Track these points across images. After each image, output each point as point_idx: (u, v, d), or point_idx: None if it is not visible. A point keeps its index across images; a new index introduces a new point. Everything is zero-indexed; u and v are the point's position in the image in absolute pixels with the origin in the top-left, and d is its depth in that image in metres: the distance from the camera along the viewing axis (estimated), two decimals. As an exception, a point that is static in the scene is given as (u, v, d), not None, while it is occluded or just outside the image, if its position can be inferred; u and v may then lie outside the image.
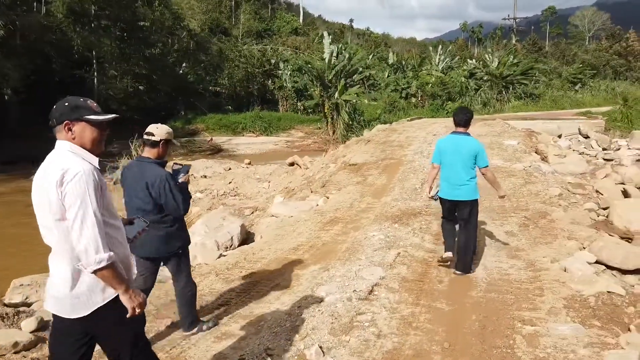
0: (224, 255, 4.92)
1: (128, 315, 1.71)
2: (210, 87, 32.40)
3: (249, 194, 12.25)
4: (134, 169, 2.87)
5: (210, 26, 34.01)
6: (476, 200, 3.94)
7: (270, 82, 32.73)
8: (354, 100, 23.57)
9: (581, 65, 37.28)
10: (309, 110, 29.95)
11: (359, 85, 25.11)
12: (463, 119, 3.92)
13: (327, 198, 7.07)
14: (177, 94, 30.22)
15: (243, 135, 27.51)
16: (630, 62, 45.74)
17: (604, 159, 11.33)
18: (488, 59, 30.82)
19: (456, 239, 3.98)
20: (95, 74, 26.35)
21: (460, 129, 3.93)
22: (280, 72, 31.66)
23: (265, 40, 36.00)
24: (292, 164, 13.75)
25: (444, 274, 3.98)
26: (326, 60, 23.74)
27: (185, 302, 2.98)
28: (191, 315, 3.04)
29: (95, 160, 1.75)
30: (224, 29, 36.09)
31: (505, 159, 8.59)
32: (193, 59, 31.14)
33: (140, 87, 28.24)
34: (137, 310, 1.73)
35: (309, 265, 4.13)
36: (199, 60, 31.09)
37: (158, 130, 2.84)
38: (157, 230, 2.75)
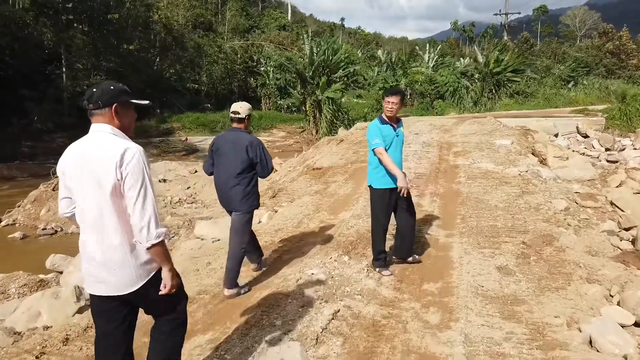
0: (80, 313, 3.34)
1: (162, 292, 1.77)
2: (188, 85, 30.77)
3: (208, 201, 10.75)
4: (229, 137, 3.34)
5: (194, 22, 32.49)
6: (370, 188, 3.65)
7: (252, 79, 31.20)
8: (338, 98, 22.18)
9: (574, 63, 36.44)
10: (293, 109, 28.55)
11: (342, 83, 23.66)
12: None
13: (275, 212, 5.59)
14: (152, 91, 28.54)
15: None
16: (623, 60, 45.20)
17: (608, 161, 9.99)
18: (479, 55, 29.69)
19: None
20: (64, 69, 24.65)
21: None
22: (262, 69, 30.16)
23: (248, 35, 34.44)
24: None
25: (401, 350, 2.51)
26: (307, 56, 22.33)
27: (234, 257, 3.26)
28: (234, 272, 3.27)
29: None
30: (209, 25, 34.58)
31: (496, 162, 7.17)
32: (170, 55, 29.50)
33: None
34: (173, 290, 1.79)
35: (190, 337, 2.61)
36: (175, 56, 29.45)
37: (242, 109, 3.34)
38: (244, 186, 3.22)
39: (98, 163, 1.70)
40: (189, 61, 29.81)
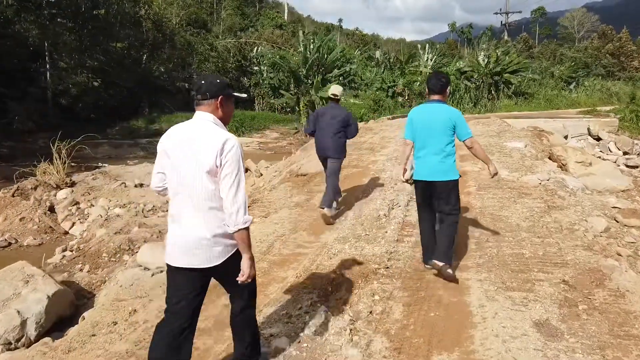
0: None
1: (241, 279, 1.88)
2: (178, 84, 29.66)
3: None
4: (330, 110, 4.73)
5: (187, 20, 31.48)
6: (456, 181, 3.23)
7: (245, 78, 30.11)
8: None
9: (573, 64, 35.69)
10: (287, 109, 27.51)
11: (337, 82, 22.63)
12: (437, 85, 3.28)
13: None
14: (140, 90, 27.42)
15: (212, 136, 24.88)
16: (623, 62, 44.60)
17: (627, 166, 8.98)
18: (479, 55, 28.77)
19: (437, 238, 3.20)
20: (48, 66, 23.56)
21: (435, 97, 3.28)
22: (256, 68, 29.11)
23: (241, 34, 33.40)
24: (246, 170, 11.18)
25: None
26: (301, 55, 21.30)
27: (332, 187, 4.65)
28: (331, 197, 4.59)
29: None
30: (204, 23, 33.58)
31: (510, 168, 6.13)
32: (160, 53, 28.41)
33: (95, 83, 25.43)
34: (249, 280, 1.90)
35: None
36: (165, 54, 28.37)
37: (339, 92, 4.77)
38: (337, 141, 4.57)
39: (201, 147, 1.85)
40: (178, 59, 28.72)
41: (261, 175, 10.50)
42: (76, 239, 8.02)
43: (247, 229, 1.84)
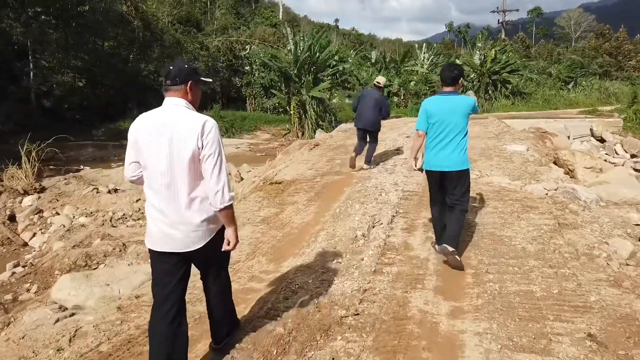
0: None
1: (225, 249, 2.01)
2: (167, 83, 28.81)
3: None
4: (372, 93, 6.02)
5: (179, 19, 30.64)
6: (469, 171, 3.31)
7: (237, 78, 29.29)
8: (325, 98, 20.39)
9: (571, 64, 35.20)
10: (280, 110, 26.74)
11: (329, 81, 21.83)
12: (450, 76, 3.27)
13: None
14: (128, 89, 26.57)
15: (201, 137, 24.05)
16: (620, 61, 44.19)
17: (635, 170, 8.27)
18: (475, 54, 28.14)
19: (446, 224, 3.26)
20: (32, 66, 22.71)
21: (448, 88, 3.30)
22: (247, 67, 28.31)
23: (232, 32, 32.59)
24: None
25: None
26: (291, 54, 20.51)
27: (372, 150, 6.30)
28: (371, 155, 6.00)
29: None
30: (196, 22, 32.77)
31: (512, 176, 5.38)
32: (148, 51, 27.57)
33: (79, 83, 24.58)
34: (234, 247, 2.03)
35: None
36: (153, 52, 27.53)
37: (383, 81, 6.26)
38: (376, 118, 5.85)
39: (178, 132, 1.85)
40: (166, 57, 27.89)
41: (242, 179, 9.73)
42: (33, 252, 7.24)
43: (231, 205, 1.91)
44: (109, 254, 6.18)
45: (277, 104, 25.38)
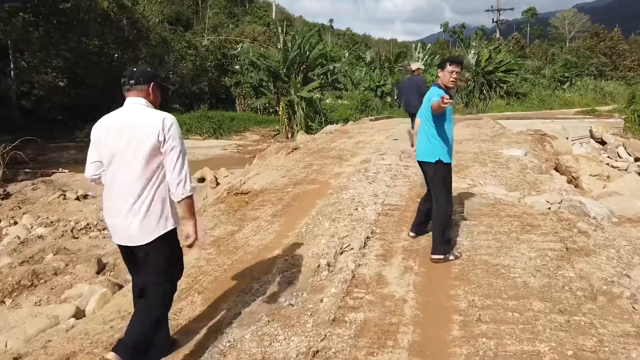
0: None
1: (185, 244, 1.99)
2: (153, 83, 28.03)
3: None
4: (408, 82, 7.11)
5: (168, 18, 29.89)
6: (437, 164, 3.09)
7: (226, 78, 28.52)
8: (316, 98, 19.71)
9: (565, 63, 34.82)
10: (270, 110, 26.02)
11: (321, 80, 21.13)
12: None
13: (120, 288, 3.02)
14: (113, 89, 25.71)
15: (188, 138, 23.23)
16: (615, 61, 43.96)
17: (640, 175, 7.64)
18: (469, 53, 27.61)
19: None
20: (12, 65, 21.87)
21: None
22: (237, 67, 27.56)
23: (221, 30, 31.83)
24: (202, 180, 9.68)
25: None
26: (280, 53, 19.82)
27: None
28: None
29: None
30: (187, 22, 32.03)
31: (509, 185, 4.70)
32: (134, 50, 26.74)
33: (61, 83, 23.74)
34: (192, 243, 1.98)
35: None
36: (139, 51, 26.70)
37: (415, 67, 7.12)
38: (417, 102, 5.19)
39: (139, 129, 1.89)
40: (153, 56, 27.07)
41: (217, 185, 9.02)
42: (-19, 269, 6.47)
43: (191, 196, 1.96)
44: (59, 271, 5.44)
45: (267, 104, 24.69)
